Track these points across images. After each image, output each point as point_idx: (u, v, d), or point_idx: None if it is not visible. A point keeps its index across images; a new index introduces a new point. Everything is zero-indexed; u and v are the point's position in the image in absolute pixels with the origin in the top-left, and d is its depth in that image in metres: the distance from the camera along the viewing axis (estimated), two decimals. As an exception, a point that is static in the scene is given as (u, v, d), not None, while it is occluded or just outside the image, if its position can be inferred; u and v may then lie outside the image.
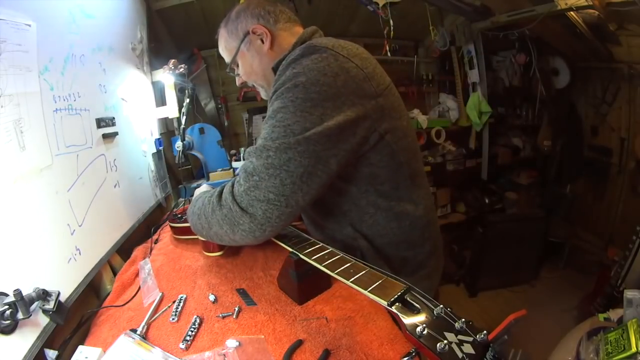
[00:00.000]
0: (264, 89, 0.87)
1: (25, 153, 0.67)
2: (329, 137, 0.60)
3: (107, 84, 1.08)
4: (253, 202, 0.59)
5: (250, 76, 0.86)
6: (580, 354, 1.10)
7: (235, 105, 2.28)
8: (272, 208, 0.59)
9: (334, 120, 0.60)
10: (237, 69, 0.87)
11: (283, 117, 0.60)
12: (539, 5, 1.83)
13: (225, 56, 0.88)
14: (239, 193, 0.60)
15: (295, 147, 0.58)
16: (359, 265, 0.56)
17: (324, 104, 0.60)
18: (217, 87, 2.23)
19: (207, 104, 2.23)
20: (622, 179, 2.29)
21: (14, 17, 0.67)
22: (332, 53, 0.64)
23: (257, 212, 0.59)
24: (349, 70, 0.64)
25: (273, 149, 0.58)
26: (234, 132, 2.30)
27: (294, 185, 0.58)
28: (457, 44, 2.47)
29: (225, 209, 0.62)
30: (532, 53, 2.43)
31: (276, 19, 0.80)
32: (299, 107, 0.59)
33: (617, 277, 1.54)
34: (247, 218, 0.60)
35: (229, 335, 0.62)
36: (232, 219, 0.61)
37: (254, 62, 0.82)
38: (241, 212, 0.60)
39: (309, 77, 0.61)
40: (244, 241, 0.65)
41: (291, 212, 0.61)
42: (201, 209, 0.70)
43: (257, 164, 0.59)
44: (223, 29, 0.85)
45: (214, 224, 0.66)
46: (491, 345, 0.36)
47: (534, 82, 2.58)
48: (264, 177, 0.58)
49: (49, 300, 0.63)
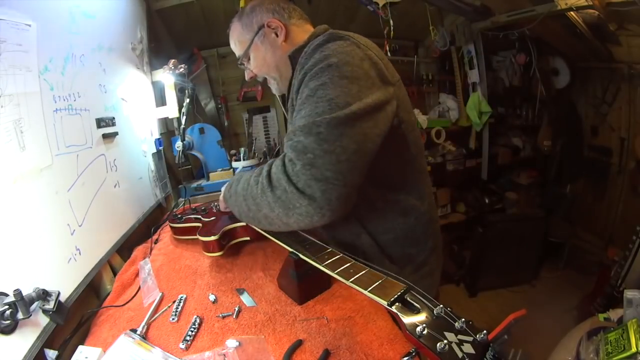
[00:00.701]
0: (276, 82, 0.87)
1: (25, 153, 0.67)
2: (371, 114, 0.60)
3: (107, 84, 1.08)
4: (310, 181, 0.54)
5: (262, 69, 0.86)
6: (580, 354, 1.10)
7: (235, 105, 2.27)
8: (331, 188, 0.54)
9: (369, 98, 0.61)
10: (247, 63, 0.88)
11: (324, 93, 0.59)
12: (539, 5, 1.83)
13: (237, 49, 0.88)
14: (294, 172, 0.55)
15: (345, 122, 0.56)
16: (359, 265, 0.56)
17: (358, 82, 0.61)
18: (217, 87, 2.23)
19: (207, 104, 2.23)
20: (622, 179, 2.28)
21: (14, 17, 0.67)
22: (354, 41, 0.67)
23: (315, 193, 0.54)
24: (370, 57, 0.66)
25: (324, 124, 0.56)
26: (234, 132, 2.30)
27: (350, 163, 0.56)
28: (457, 44, 2.47)
29: (278, 191, 0.57)
30: (532, 53, 2.43)
31: (290, 14, 0.83)
32: (338, 84, 0.59)
33: (617, 277, 1.53)
34: (305, 200, 0.55)
35: (229, 335, 0.62)
36: (286, 202, 0.56)
37: (267, 54, 0.83)
38: (298, 193, 0.55)
39: (340, 58, 0.62)
40: (298, 226, 0.60)
41: (349, 193, 0.57)
42: (246, 190, 0.65)
43: (307, 141, 0.56)
44: (237, 22, 0.86)
45: (264, 206, 0.60)
46: (491, 345, 0.36)
47: (534, 82, 2.58)
48: (319, 154, 0.54)
49: (49, 300, 0.63)
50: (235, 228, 0.91)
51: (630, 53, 2.01)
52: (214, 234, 0.86)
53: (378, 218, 0.80)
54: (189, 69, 1.82)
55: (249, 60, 0.86)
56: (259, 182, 0.61)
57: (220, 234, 0.86)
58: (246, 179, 0.68)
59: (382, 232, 0.81)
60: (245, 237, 0.92)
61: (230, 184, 0.79)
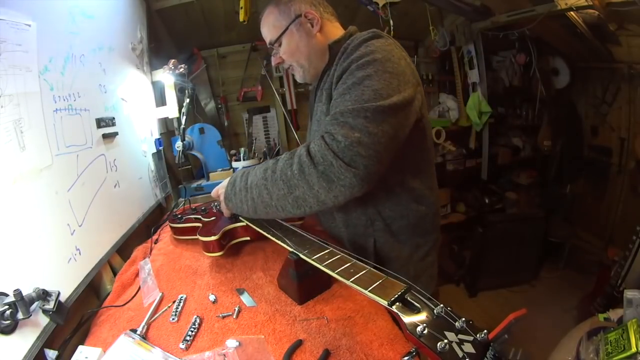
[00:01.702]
0: (303, 69, 0.90)
1: (25, 153, 0.67)
2: (405, 107, 0.70)
3: (107, 84, 1.08)
4: (356, 157, 0.61)
5: (293, 56, 0.88)
6: (580, 354, 1.10)
7: (235, 105, 2.28)
8: (372, 164, 0.62)
9: (406, 92, 0.70)
10: (277, 48, 0.89)
11: (370, 84, 0.66)
12: (539, 5, 1.83)
13: (269, 34, 0.89)
14: (340, 149, 0.61)
15: (387, 111, 0.65)
16: (359, 265, 0.56)
17: (397, 77, 0.70)
18: (217, 87, 2.23)
19: (207, 104, 2.23)
20: (622, 179, 2.28)
21: (14, 17, 0.67)
22: (393, 41, 0.77)
23: (359, 167, 0.61)
24: (406, 57, 0.77)
25: (371, 110, 0.63)
26: (234, 132, 2.30)
27: (386, 145, 0.64)
28: (457, 44, 2.47)
29: (322, 166, 0.62)
30: (532, 53, 2.43)
31: (324, 9, 0.89)
32: (382, 77, 0.67)
33: (617, 277, 1.53)
34: (350, 173, 0.61)
35: (229, 335, 0.62)
36: (331, 175, 0.62)
37: (301, 42, 0.86)
38: (345, 167, 0.61)
39: (383, 55, 0.71)
40: (336, 200, 0.65)
41: (381, 171, 0.65)
42: (273, 177, 0.68)
43: (355, 122, 0.63)
44: (274, 7, 0.88)
45: (301, 185, 0.64)
46: (491, 344, 0.36)
47: (534, 82, 2.58)
48: (365, 134, 0.62)
49: (49, 300, 0.63)
50: (236, 228, 0.91)
51: (630, 53, 2.01)
52: (214, 234, 0.86)
53: (394, 203, 0.87)
54: (189, 69, 1.82)
55: (280, 46, 0.88)
56: (293, 164, 0.65)
57: (220, 234, 0.86)
58: (261, 170, 0.71)
59: (396, 218, 0.87)
60: (245, 237, 0.92)
61: (232, 182, 0.79)
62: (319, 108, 0.88)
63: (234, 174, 0.81)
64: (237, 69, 2.21)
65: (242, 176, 0.77)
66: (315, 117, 0.92)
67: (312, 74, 0.91)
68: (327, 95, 0.84)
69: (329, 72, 0.85)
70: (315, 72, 0.91)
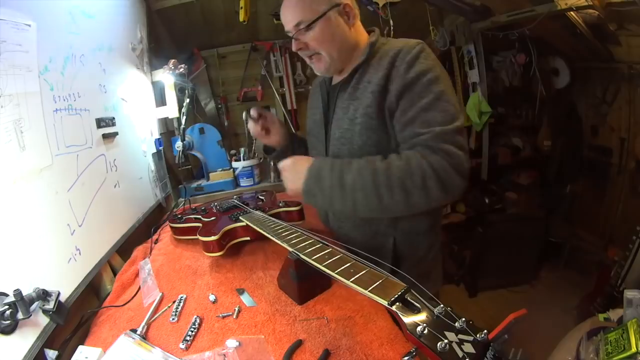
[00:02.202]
0: (331, 61, 0.85)
1: (25, 153, 0.67)
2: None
3: (107, 84, 1.08)
4: (465, 170, 0.73)
5: (324, 44, 0.83)
6: (580, 354, 1.10)
7: (235, 105, 2.28)
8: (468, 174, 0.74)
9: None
10: (304, 31, 0.82)
11: (445, 107, 0.75)
12: (539, 5, 1.83)
13: (302, 13, 0.80)
14: (457, 163, 0.72)
15: (460, 132, 0.75)
16: (360, 265, 0.56)
17: (451, 90, 0.79)
18: (217, 87, 2.23)
19: (207, 104, 2.23)
20: (622, 179, 2.28)
21: (14, 17, 0.67)
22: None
23: (466, 177, 0.74)
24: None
25: (461, 128, 0.75)
26: (234, 132, 2.30)
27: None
28: (457, 44, 2.47)
29: (444, 179, 0.71)
30: (532, 53, 2.42)
31: (357, 7, 0.88)
32: (446, 98, 0.76)
33: (617, 277, 1.53)
34: (463, 184, 0.73)
35: (229, 335, 0.62)
36: (449, 186, 0.72)
37: (336, 32, 0.83)
38: (460, 179, 0.73)
39: (440, 71, 0.79)
40: (441, 203, 0.81)
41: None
42: (387, 183, 0.72)
43: (457, 140, 0.74)
44: None
45: (419, 194, 0.71)
46: (491, 344, 0.36)
47: (534, 82, 2.58)
48: (465, 150, 0.74)
49: (49, 300, 0.63)
50: (235, 228, 0.91)
51: (630, 53, 2.00)
52: (214, 234, 0.86)
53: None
54: (189, 69, 1.82)
55: (307, 30, 0.81)
56: (414, 175, 0.71)
57: (220, 234, 0.86)
58: (367, 172, 0.73)
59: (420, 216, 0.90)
60: (245, 237, 0.92)
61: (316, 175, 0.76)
62: (349, 105, 0.86)
63: (314, 165, 0.77)
64: (237, 69, 2.22)
65: (330, 171, 0.75)
66: (338, 112, 0.89)
67: (336, 67, 0.88)
68: (368, 95, 0.81)
69: (362, 71, 0.85)
70: (341, 66, 0.88)
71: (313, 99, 1.05)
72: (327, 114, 0.95)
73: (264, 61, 2.19)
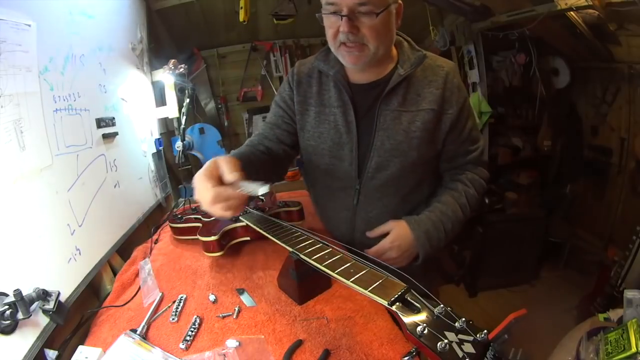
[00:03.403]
0: (375, 54, 0.79)
1: (25, 153, 0.67)
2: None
3: (107, 84, 1.08)
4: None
5: (378, 35, 0.77)
6: (580, 354, 1.10)
7: (235, 105, 2.27)
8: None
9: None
10: (365, 15, 0.74)
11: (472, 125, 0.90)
12: (539, 5, 1.83)
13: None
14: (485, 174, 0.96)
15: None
16: (359, 265, 0.56)
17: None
18: (217, 87, 2.23)
19: (207, 104, 2.23)
20: (622, 179, 2.28)
21: (14, 17, 0.67)
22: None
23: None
24: None
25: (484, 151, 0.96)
26: (234, 132, 2.30)
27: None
28: (457, 44, 2.47)
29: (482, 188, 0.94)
30: (532, 53, 2.42)
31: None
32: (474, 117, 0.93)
33: (617, 277, 1.53)
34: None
35: (229, 335, 0.62)
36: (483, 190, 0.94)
37: (390, 26, 0.80)
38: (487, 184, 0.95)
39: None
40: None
41: None
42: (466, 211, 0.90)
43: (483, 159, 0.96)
44: None
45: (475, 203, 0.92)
46: (491, 344, 0.36)
47: (534, 82, 2.57)
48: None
49: (49, 300, 0.63)
50: (235, 228, 0.91)
51: (630, 53, 2.00)
52: (214, 234, 0.86)
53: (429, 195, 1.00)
54: (189, 69, 1.82)
55: (370, 16, 0.73)
56: (476, 195, 0.92)
57: (220, 234, 0.86)
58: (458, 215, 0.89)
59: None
60: (245, 237, 0.92)
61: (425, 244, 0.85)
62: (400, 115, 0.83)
63: (419, 237, 0.85)
64: (237, 69, 2.22)
65: (435, 232, 0.86)
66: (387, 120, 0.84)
67: (371, 64, 0.82)
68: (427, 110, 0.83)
69: (409, 81, 0.83)
70: (375, 62, 0.82)
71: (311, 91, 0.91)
72: (360, 118, 0.86)
73: (264, 61, 2.19)
